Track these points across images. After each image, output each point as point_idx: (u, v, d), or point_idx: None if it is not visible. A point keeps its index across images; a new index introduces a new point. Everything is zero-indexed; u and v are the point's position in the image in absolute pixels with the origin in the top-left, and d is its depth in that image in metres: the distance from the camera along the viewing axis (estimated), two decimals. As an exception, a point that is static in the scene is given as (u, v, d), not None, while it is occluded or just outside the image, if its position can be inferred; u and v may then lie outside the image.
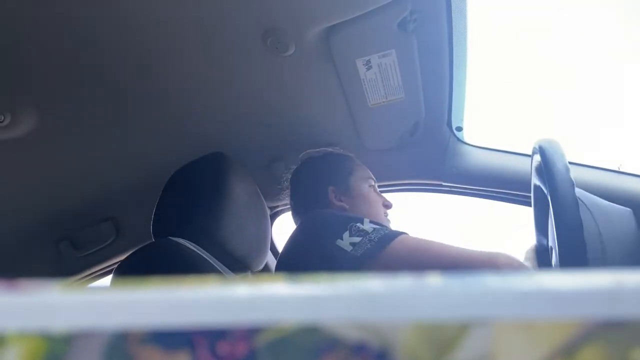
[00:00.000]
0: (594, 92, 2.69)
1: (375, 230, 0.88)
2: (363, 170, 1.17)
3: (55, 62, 0.91)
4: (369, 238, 0.86)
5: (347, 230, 0.88)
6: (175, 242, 0.89)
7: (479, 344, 0.16)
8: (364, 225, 0.89)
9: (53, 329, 0.17)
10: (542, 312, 0.17)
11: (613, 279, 0.17)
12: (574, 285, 0.17)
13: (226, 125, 1.21)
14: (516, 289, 0.17)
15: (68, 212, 1.33)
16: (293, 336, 0.17)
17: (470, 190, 1.28)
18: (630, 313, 0.17)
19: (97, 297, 0.17)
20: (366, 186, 1.14)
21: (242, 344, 0.16)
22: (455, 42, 1.00)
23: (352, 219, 0.91)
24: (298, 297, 0.17)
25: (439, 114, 1.18)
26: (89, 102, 1.04)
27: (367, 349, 0.16)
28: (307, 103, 1.15)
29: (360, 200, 1.11)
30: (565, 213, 0.67)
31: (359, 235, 0.87)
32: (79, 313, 0.17)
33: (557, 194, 0.69)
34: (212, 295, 0.17)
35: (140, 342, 0.16)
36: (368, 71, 1.00)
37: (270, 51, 0.95)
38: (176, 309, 0.17)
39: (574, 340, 0.16)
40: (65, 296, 0.17)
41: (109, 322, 0.17)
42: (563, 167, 0.71)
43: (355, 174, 1.15)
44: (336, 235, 0.88)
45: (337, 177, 1.13)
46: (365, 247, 0.84)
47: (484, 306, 0.17)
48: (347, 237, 0.87)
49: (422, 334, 0.17)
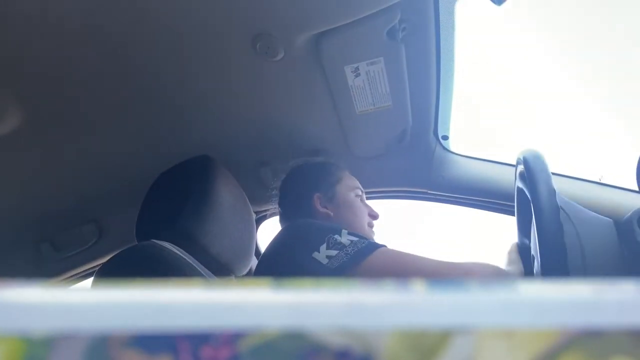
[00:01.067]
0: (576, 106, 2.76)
1: (353, 244, 0.87)
2: (351, 180, 1.18)
3: (39, 61, 0.90)
4: (345, 251, 0.85)
5: (325, 243, 0.88)
6: (159, 245, 0.88)
7: (461, 351, 0.17)
8: (341, 238, 0.89)
9: (33, 331, 0.16)
10: (523, 320, 0.17)
11: (593, 289, 0.18)
12: (554, 295, 0.18)
13: (213, 128, 1.20)
14: (498, 298, 0.17)
15: (50, 213, 1.31)
16: (277, 342, 0.16)
17: (455, 199, 1.30)
18: (609, 322, 0.17)
19: (78, 299, 0.17)
20: (352, 195, 1.14)
21: (226, 349, 0.16)
22: (443, 52, 1.01)
23: (331, 231, 0.91)
24: (282, 303, 0.17)
25: (426, 122, 1.19)
26: (73, 103, 1.02)
27: (350, 355, 0.16)
28: (295, 108, 1.15)
29: (345, 209, 1.11)
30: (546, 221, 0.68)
31: (335, 248, 0.86)
32: (59, 315, 0.17)
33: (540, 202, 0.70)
34: (196, 299, 0.17)
35: (121, 345, 0.16)
36: (356, 78, 1.01)
37: (259, 56, 0.95)
38: (159, 312, 0.17)
39: (554, 349, 0.17)
40: (45, 298, 0.17)
41: (90, 324, 0.16)
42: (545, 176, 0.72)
43: (343, 183, 1.15)
44: (313, 248, 0.88)
45: (323, 185, 1.13)
46: (341, 261, 0.84)
47: (467, 314, 0.17)
48: (324, 249, 0.87)
49: (405, 341, 0.17)
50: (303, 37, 0.91)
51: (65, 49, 0.89)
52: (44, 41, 0.86)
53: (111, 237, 1.43)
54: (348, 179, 1.17)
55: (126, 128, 1.14)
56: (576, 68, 2.49)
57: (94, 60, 0.93)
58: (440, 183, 1.28)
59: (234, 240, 1.07)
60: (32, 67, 0.91)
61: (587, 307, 0.17)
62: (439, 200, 1.33)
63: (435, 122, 1.20)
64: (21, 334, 0.16)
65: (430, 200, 1.34)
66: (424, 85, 1.07)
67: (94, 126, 1.11)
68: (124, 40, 0.90)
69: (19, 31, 0.83)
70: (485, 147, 1.52)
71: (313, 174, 1.16)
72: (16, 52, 0.87)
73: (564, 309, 0.17)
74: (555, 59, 2.39)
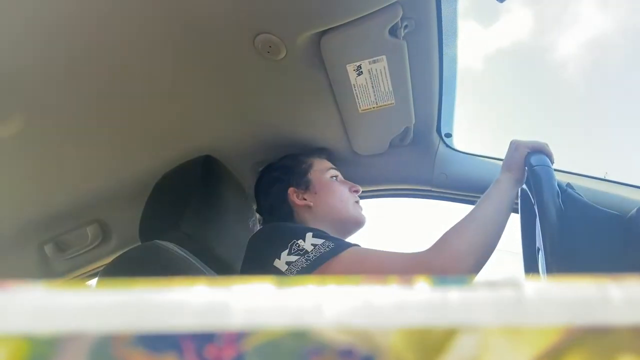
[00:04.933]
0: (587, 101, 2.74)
1: (316, 248, 0.85)
2: (322, 163, 1.16)
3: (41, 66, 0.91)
4: (306, 257, 0.84)
5: (287, 249, 0.86)
6: (162, 245, 0.88)
7: (466, 349, 0.17)
8: (304, 243, 0.86)
9: (37, 331, 0.16)
10: (528, 318, 0.17)
11: (598, 286, 0.18)
12: (559, 292, 0.17)
13: (215, 128, 1.20)
14: (503, 295, 0.17)
15: (53, 214, 1.32)
16: (281, 340, 0.16)
17: (458, 196, 1.29)
18: (615, 320, 0.17)
19: (82, 300, 0.17)
20: (327, 177, 1.12)
21: (230, 348, 0.16)
22: (445, 49, 1.01)
23: (295, 235, 0.88)
24: (286, 301, 0.17)
25: (429, 120, 1.19)
26: (76, 104, 1.03)
27: (354, 353, 0.16)
28: (297, 108, 1.15)
29: (324, 194, 1.08)
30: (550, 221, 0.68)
31: (297, 254, 0.84)
32: (64, 315, 0.17)
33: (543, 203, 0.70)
34: (200, 299, 0.17)
35: (126, 345, 0.16)
36: (359, 77, 1.00)
37: (261, 55, 0.95)
38: (163, 311, 0.17)
39: (560, 346, 0.17)
40: (50, 298, 0.17)
41: (95, 324, 0.16)
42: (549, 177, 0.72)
43: (314, 169, 1.13)
44: (274, 254, 0.86)
45: (294, 177, 1.11)
46: (300, 267, 0.82)
47: (472, 312, 0.17)
48: (284, 255, 0.85)
49: (409, 339, 0.17)
50: (305, 36, 0.90)
51: (64, 50, 0.89)
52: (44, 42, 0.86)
53: (115, 238, 1.43)
54: (319, 164, 1.15)
55: (130, 129, 1.14)
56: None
57: (94, 60, 0.93)
58: (443, 181, 1.28)
59: (237, 240, 1.07)
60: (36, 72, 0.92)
61: (593, 304, 0.17)
62: (442, 198, 1.32)
63: (438, 119, 1.20)
64: (26, 334, 0.16)
65: (434, 198, 1.34)
66: (426, 82, 1.06)
67: (97, 128, 1.12)
68: (123, 39, 0.90)
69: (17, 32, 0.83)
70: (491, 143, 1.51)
71: (281, 170, 1.14)
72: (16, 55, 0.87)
73: (569, 306, 0.17)
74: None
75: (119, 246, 1.42)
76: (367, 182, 1.36)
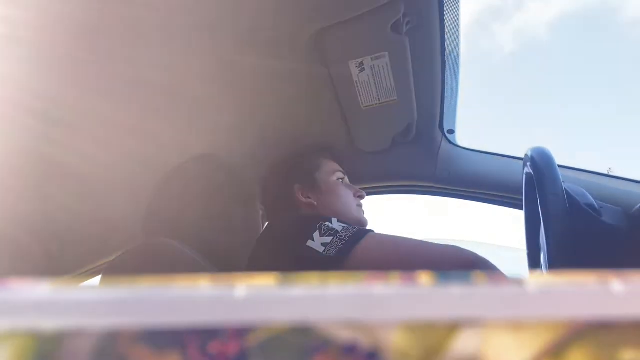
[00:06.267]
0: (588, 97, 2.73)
1: (345, 229, 0.85)
2: (331, 164, 1.16)
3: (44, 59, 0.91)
4: (339, 237, 0.83)
5: (317, 230, 0.85)
6: (166, 242, 0.88)
7: (469, 344, 0.17)
8: (333, 224, 0.87)
9: (43, 328, 0.16)
10: (530, 313, 0.17)
11: (601, 281, 0.18)
12: (562, 287, 0.17)
13: (217, 126, 1.20)
14: (505, 290, 0.17)
15: (59, 211, 1.32)
16: (284, 336, 0.17)
17: (461, 193, 1.29)
18: (617, 314, 0.17)
19: (87, 296, 0.17)
20: (334, 179, 1.12)
21: (234, 344, 0.16)
22: (448, 45, 1.00)
23: (322, 218, 0.89)
24: (289, 297, 0.17)
25: (432, 116, 1.19)
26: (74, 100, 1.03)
27: (357, 349, 0.17)
28: (300, 104, 1.15)
29: (329, 195, 1.09)
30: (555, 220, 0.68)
31: (329, 235, 0.84)
32: (69, 312, 0.17)
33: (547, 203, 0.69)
34: (203, 295, 0.17)
35: (130, 341, 0.16)
36: (361, 73, 1.00)
37: (262, 52, 0.95)
38: (167, 308, 0.17)
39: (562, 341, 0.17)
40: (55, 295, 0.17)
41: (99, 321, 0.17)
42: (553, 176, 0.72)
43: (322, 169, 1.13)
44: (307, 236, 0.85)
45: (302, 175, 1.12)
46: (338, 247, 0.82)
47: (474, 307, 0.17)
48: (317, 237, 0.84)
49: (412, 334, 0.17)
50: (307, 33, 0.90)
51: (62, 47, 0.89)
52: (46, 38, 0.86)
53: (119, 235, 1.43)
54: (327, 165, 1.15)
55: (131, 125, 1.15)
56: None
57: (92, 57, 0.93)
58: (446, 177, 1.28)
59: (241, 237, 1.08)
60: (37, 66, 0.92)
61: (595, 299, 0.17)
62: (445, 195, 1.32)
63: (441, 116, 1.20)
64: (31, 330, 0.16)
65: (437, 194, 1.34)
66: (429, 79, 1.06)
67: (100, 125, 1.12)
68: (122, 39, 0.90)
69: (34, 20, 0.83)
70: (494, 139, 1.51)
71: (290, 166, 1.15)
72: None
73: (572, 301, 0.17)
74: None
75: (123, 243, 1.43)
76: (369, 178, 1.36)
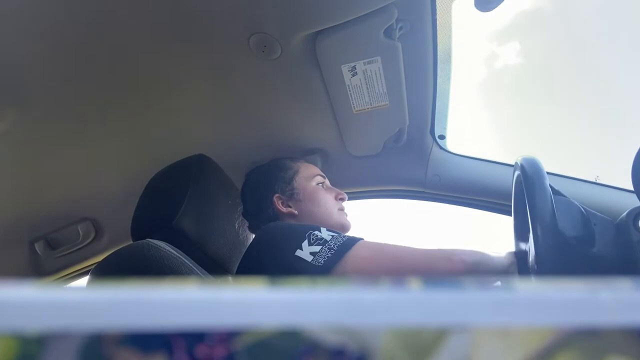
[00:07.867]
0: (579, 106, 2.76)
1: (334, 238, 0.85)
2: (309, 169, 1.13)
3: (34, 61, 0.90)
4: (328, 246, 0.83)
5: (306, 240, 0.85)
6: (154, 244, 0.88)
7: (457, 349, 0.17)
8: (322, 233, 0.86)
9: (26, 329, 0.16)
10: (519, 319, 0.17)
11: (588, 288, 0.18)
12: (550, 294, 0.18)
13: (209, 128, 1.20)
14: (494, 297, 0.17)
15: (45, 211, 1.31)
16: (272, 340, 0.16)
17: (452, 198, 1.30)
18: (604, 321, 0.17)
19: (72, 298, 0.17)
20: (313, 185, 1.09)
21: (221, 347, 0.16)
22: (439, 51, 1.01)
23: (310, 227, 0.88)
24: (278, 301, 0.17)
25: (423, 122, 1.20)
26: (69, 102, 1.02)
27: (346, 353, 0.16)
28: (292, 108, 1.15)
29: (308, 202, 1.07)
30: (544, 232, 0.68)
31: (318, 244, 0.84)
32: (53, 313, 0.16)
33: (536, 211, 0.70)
34: (191, 298, 0.17)
35: (116, 343, 0.16)
36: (353, 77, 1.00)
37: (256, 55, 0.95)
38: (153, 310, 0.17)
39: (550, 347, 0.17)
40: (39, 296, 0.17)
41: (84, 323, 0.16)
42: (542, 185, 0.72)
43: (299, 175, 1.11)
44: (295, 246, 0.85)
45: (280, 184, 1.09)
46: (327, 256, 0.82)
47: (463, 312, 0.17)
48: (306, 246, 0.84)
49: (401, 339, 0.17)
50: (300, 36, 0.90)
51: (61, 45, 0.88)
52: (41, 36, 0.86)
53: (107, 236, 1.42)
54: (305, 170, 1.12)
55: (122, 127, 1.14)
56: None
57: (90, 58, 0.93)
58: (436, 182, 1.28)
59: (230, 239, 1.07)
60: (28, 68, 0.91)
61: (583, 306, 0.17)
62: (435, 200, 1.33)
63: (432, 121, 1.20)
64: (14, 332, 0.16)
65: (427, 199, 1.34)
66: (421, 84, 1.07)
67: (89, 126, 1.11)
68: (120, 38, 0.89)
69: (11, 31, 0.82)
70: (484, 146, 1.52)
71: (267, 176, 1.12)
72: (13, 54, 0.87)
73: (560, 307, 0.17)
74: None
75: (111, 244, 1.41)
76: (360, 183, 1.37)
